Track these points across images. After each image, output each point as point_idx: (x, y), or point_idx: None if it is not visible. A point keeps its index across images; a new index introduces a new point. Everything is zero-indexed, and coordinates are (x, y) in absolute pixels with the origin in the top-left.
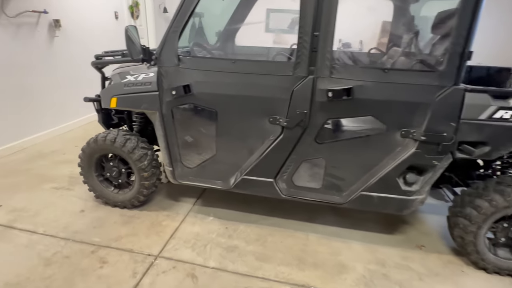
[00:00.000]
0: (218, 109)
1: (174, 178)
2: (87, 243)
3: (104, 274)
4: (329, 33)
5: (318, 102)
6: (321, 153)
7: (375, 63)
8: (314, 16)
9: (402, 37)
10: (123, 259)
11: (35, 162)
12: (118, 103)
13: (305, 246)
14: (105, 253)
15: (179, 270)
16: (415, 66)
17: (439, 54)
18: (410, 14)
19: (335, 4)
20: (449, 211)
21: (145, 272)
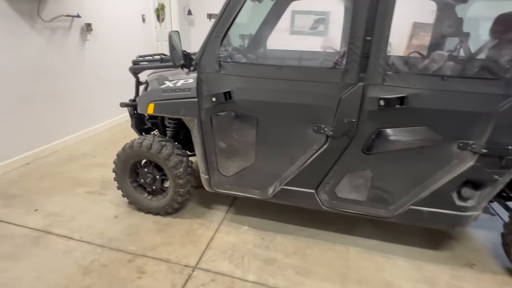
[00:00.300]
0: (259, 117)
1: (209, 186)
2: (123, 251)
3: (143, 285)
4: (383, 37)
5: (367, 111)
6: (368, 164)
7: (431, 70)
8: (367, 20)
9: (446, 40)
10: (160, 270)
11: (67, 165)
12: (156, 109)
13: (346, 261)
14: (142, 263)
15: (218, 283)
16: (478, 73)
17: (505, 60)
18: (457, 15)
19: (392, 7)
20: (504, 228)
21: (184, 284)
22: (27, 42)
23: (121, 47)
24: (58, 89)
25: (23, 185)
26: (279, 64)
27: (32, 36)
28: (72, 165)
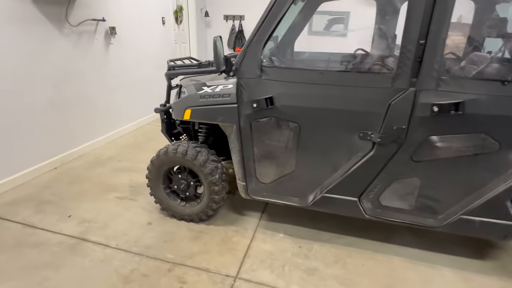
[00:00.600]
0: (301, 123)
1: (246, 193)
2: (161, 260)
3: None
4: (439, 40)
5: (418, 117)
6: (417, 172)
7: (491, 74)
8: (422, 22)
9: (485, 40)
10: (201, 280)
11: (94, 169)
12: (192, 115)
13: (390, 271)
14: (182, 272)
15: None
16: None
17: None
18: (498, 15)
19: (451, 7)
20: None
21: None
22: (55, 47)
23: (143, 50)
24: (83, 93)
25: (54, 190)
26: (323, 69)
27: (60, 41)
28: (99, 169)
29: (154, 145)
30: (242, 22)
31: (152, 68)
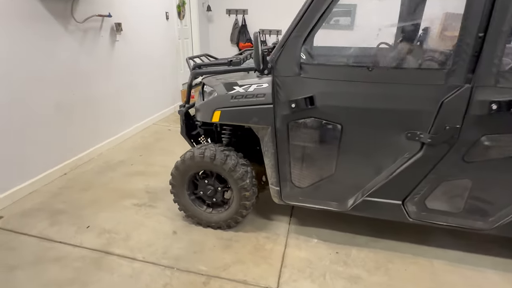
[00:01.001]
0: (344, 124)
1: (280, 198)
2: (194, 273)
3: None
4: (502, 33)
5: (473, 116)
6: (468, 173)
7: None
8: (482, 14)
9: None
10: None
11: (106, 174)
12: (222, 117)
13: (434, 275)
14: (218, 285)
15: None
16: None
17: None
18: None
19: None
20: None
21: None
22: (61, 45)
23: (148, 47)
24: (89, 95)
25: (66, 198)
26: (370, 65)
27: (66, 38)
28: (111, 174)
29: (164, 146)
30: (246, 16)
31: (157, 66)
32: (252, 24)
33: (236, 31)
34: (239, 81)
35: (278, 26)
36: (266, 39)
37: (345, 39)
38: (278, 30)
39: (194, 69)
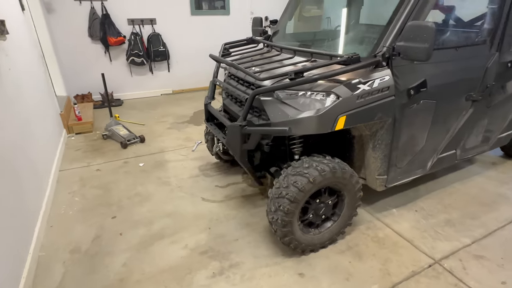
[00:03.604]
0: (437, 99)
1: (385, 185)
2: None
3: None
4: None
5: (498, 74)
6: (487, 115)
7: None
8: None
9: None
10: (436, 276)
11: None
12: (347, 122)
13: (481, 190)
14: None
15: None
16: None
17: None
18: None
19: None
20: None
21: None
22: None
23: (25, 52)
24: None
25: None
26: (456, 46)
27: None
28: None
29: (127, 190)
30: (105, 3)
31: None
32: (116, 13)
33: (96, 23)
34: (362, 79)
35: (150, 14)
36: (140, 31)
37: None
38: (152, 19)
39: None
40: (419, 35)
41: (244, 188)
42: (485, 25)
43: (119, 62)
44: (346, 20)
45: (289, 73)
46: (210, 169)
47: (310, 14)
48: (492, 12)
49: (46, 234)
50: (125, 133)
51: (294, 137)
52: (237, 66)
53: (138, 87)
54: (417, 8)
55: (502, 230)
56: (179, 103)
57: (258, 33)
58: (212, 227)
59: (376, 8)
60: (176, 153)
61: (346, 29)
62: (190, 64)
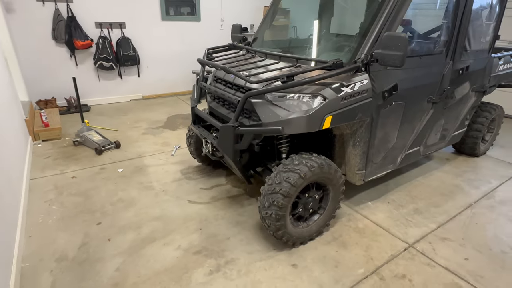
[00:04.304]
0: (406, 101)
1: (363, 179)
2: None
3: None
4: (462, 36)
5: (452, 79)
6: (444, 115)
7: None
8: (458, 28)
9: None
10: (411, 258)
11: None
12: (333, 121)
13: (441, 182)
14: (388, 270)
15: (431, 239)
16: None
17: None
18: None
19: (468, 18)
20: None
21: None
22: None
23: None
24: None
25: None
26: (420, 54)
27: None
28: None
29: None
30: (70, 5)
31: None
32: (83, 16)
33: (61, 26)
34: (344, 82)
35: (119, 18)
36: (109, 35)
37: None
38: (122, 23)
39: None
40: (395, 44)
41: (229, 189)
42: (442, 37)
43: (85, 66)
44: (320, 30)
45: (281, 76)
46: (192, 172)
47: (278, 23)
48: (446, 26)
49: (26, 245)
50: (99, 139)
51: (282, 137)
52: (229, 69)
53: (106, 92)
54: (389, 22)
55: (460, 215)
56: (151, 108)
57: (238, 39)
58: (203, 228)
59: (347, 19)
60: (155, 158)
61: (324, 38)
62: (161, 69)
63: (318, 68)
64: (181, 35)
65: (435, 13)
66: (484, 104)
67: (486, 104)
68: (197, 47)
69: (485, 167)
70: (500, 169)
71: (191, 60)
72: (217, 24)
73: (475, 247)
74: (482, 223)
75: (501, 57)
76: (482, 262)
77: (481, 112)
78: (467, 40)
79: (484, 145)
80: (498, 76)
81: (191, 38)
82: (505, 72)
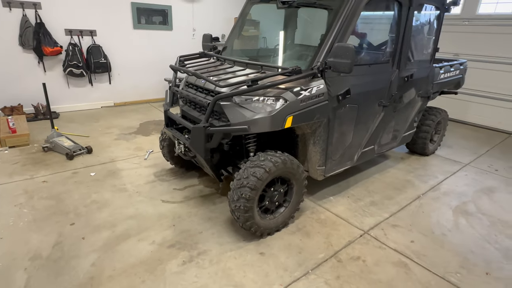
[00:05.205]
0: (359, 104)
1: (323, 175)
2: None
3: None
4: (406, 48)
5: (399, 85)
6: (394, 117)
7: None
8: (401, 40)
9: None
10: (365, 243)
11: None
12: (294, 121)
13: (394, 178)
14: (346, 253)
15: (385, 227)
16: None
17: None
18: None
19: (409, 31)
20: None
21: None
22: None
23: None
24: None
25: None
26: (369, 63)
27: None
28: None
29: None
30: (39, 11)
31: None
32: (52, 23)
33: (29, 32)
34: (303, 86)
35: (90, 25)
36: (79, 42)
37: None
38: (92, 31)
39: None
40: (344, 53)
41: (201, 189)
42: (388, 48)
43: (54, 73)
44: (286, 40)
45: (247, 81)
46: (165, 175)
47: (248, 34)
48: (392, 39)
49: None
50: (70, 144)
51: (249, 136)
52: (200, 75)
53: (76, 99)
54: (341, 34)
55: (409, 205)
56: (122, 115)
57: (208, 48)
58: (176, 224)
59: (308, 31)
60: (129, 162)
61: (287, 47)
62: (133, 76)
63: (279, 74)
64: (153, 44)
65: (384, 27)
66: (431, 108)
67: (432, 108)
68: (169, 55)
69: (433, 165)
70: (446, 166)
71: (163, 68)
72: (189, 33)
73: (420, 231)
74: (428, 211)
75: (442, 66)
76: (425, 243)
77: (428, 116)
78: (410, 51)
79: (433, 145)
80: (440, 83)
81: (163, 47)
82: (446, 80)
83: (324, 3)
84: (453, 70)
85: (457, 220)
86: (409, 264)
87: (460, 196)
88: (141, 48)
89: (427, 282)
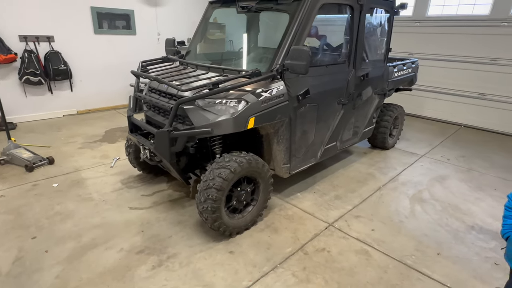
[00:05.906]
0: (319, 103)
1: (289, 172)
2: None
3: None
4: (360, 49)
5: (356, 84)
6: (354, 114)
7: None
8: (355, 42)
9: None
10: (332, 235)
11: None
12: (256, 121)
13: (357, 173)
14: (311, 246)
15: (346, 220)
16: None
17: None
18: None
19: (362, 35)
20: None
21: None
22: None
23: None
24: None
25: None
26: (326, 64)
27: None
28: None
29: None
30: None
31: None
32: (5, 28)
33: None
34: (263, 88)
35: (47, 31)
36: (36, 49)
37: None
38: (50, 36)
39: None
40: (299, 55)
41: (170, 193)
42: (344, 50)
43: (9, 81)
44: (249, 43)
45: (208, 84)
46: (133, 182)
47: (214, 37)
48: (347, 41)
49: None
50: (29, 156)
51: (215, 138)
52: (162, 80)
53: (35, 108)
54: (297, 37)
55: (371, 197)
56: (87, 123)
57: (172, 52)
58: (145, 230)
59: (269, 34)
60: (94, 171)
61: (249, 50)
62: (96, 83)
63: (240, 77)
64: (116, 49)
65: (340, 29)
66: (388, 105)
67: (389, 105)
68: (134, 60)
69: (393, 157)
70: (404, 158)
71: (128, 73)
72: (154, 37)
73: (380, 220)
74: (387, 201)
75: (395, 65)
76: (384, 231)
77: (386, 111)
78: (365, 52)
79: (392, 139)
80: (395, 81)
81: (127, 52)
82: (400, 78)
83: (281, 8)
84: (406, 68)
85: (413, 207)
86: (370, 251)
87: (416, 185)
88: (103, 53)
89: (385, 266)
